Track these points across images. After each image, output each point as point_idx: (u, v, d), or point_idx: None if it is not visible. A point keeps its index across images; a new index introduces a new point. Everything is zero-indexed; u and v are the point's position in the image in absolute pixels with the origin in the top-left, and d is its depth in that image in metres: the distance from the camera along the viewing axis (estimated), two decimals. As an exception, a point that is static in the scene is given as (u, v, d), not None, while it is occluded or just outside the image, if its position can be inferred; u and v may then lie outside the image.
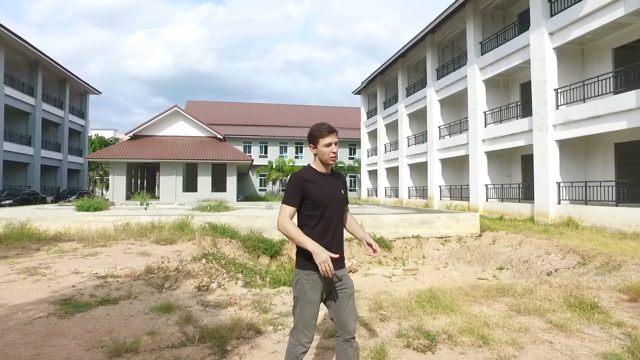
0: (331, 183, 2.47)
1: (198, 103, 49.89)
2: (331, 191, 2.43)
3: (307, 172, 2.46)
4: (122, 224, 11.02)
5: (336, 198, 2.43)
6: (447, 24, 20.79)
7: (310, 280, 2.35)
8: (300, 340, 2.34)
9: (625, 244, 8.78)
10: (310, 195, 2.37)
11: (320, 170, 2.47)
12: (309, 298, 2.35)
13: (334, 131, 2.43)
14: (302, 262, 2.39)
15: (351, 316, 2.44)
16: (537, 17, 14.58)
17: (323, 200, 2.37)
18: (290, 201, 2.38)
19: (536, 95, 14.70)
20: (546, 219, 13.87)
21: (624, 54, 13.24)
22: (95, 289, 5.32)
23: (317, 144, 2.43)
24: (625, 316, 4.07)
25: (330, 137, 2.40)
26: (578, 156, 14.61)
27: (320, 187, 2.39)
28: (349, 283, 2.46)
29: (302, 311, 2.36)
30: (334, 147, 2.41)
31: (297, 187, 2.38)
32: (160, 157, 26.33)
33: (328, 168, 2.49)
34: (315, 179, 2.41)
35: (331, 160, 2.43)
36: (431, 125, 22.69)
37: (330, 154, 2.41)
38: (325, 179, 2.46)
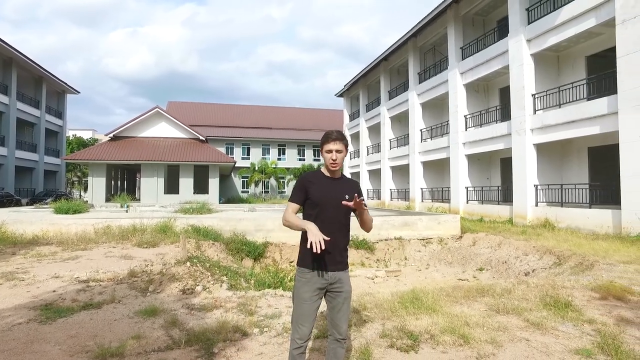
0: (334, 187, 2.53)
1: (180, 104, 49.32)
2: (331, 194, 2.48)
3: (314, 174, 2.59)
4: (102, 226, 10.85)
5: (336, 202, 2.46)
6: (429, 28, 21.15)
7: (302, 278, 2.47)
8: (293, 335, 2.45)
9: (597, 245, 9.12)
10: (310, 195, 2.49)
11: (326, 174, 2.57)
12: (300, 295, 2.45)
13: (337, 139, 2.50)
14: (299, 259, 2.53)
15: (344, 318, 2.51)
16: (516, 24, 15.00)
17: (319, 201, 2.46)
18: (293, 198, 2.53)
19: (515, 100, 15.10)
20: (524, 221, 14.25)
21: (596, 62, 13.74)
22: (77, 294, 5.24)
23: (322, 150, 2.56)
24: (596, 313, 4.26)
25: (332, 144, 2.49)
26: (554, 160, 15.06)
27: (320, 189, 2.49)
28: (346, 287, 2.52)
29: (295, 307, 2.48)
30: (333, 154, 2.48)
31: (301, 186, 2.53)
32: (141, 158, 25.92)
33: (334, 173, 2.56)
34: (318, 181, 2.53)
35: (331, 166, 2.52)
36: (413, 128, 23.01)
37: (330, 159, 2.50)
38: (329, 182, 2.54)
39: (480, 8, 18.40)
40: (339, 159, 2.50)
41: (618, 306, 4.52)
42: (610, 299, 4.75)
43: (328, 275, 2.46)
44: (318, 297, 2.48)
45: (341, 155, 2.51)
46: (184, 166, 27.01)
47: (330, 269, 2.46)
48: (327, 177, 2.56)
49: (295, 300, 2.49)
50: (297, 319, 2.45)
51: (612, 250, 8.39)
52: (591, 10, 12.14)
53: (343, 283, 2.50)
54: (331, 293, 2.50)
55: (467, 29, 19.26)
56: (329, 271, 2.46)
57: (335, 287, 2.48)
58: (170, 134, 29.22)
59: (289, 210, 2.50)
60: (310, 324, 2.45)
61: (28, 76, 31.91)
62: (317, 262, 2.44)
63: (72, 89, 38.17)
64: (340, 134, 2.55)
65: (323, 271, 2.45)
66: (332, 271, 2.46)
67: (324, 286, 2.47)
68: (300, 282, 2.47)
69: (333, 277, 2.47)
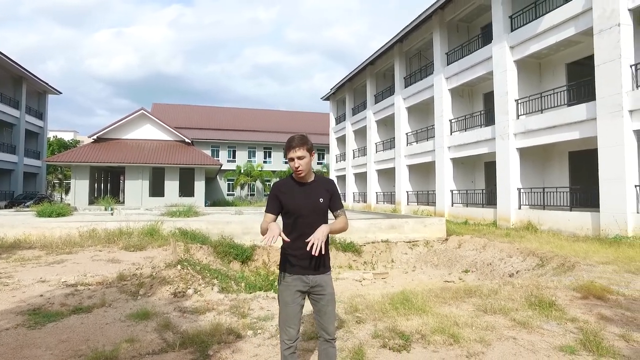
0: (307, 193, 2.53)
1: (165, 106, 48.81)
2: (305, 201, 2.50)
3: (285, 182, 2.60)
4: (87, 230, 10.69)
5: (311, 207, 2.50)
6: (415, 34, 21.47)
7: (283, 282, 2.53)
8: (282, 337, 2.52)
9: (578, 246, 9.41)
10: (284, 205, 2.51)
11: (298, 180, 2.56)
12: (282, 298, 2.53)
13: (297, 146, 2.46)
14: (280, 264, 2.60)
15: (330, 320, 2.57)
16: (499, 31, 15.36)
17: (294, 210, 2.49)
18: (268, 209, 2.55)
19: (498, 105, 15.44)
20: (508, 223, 14.56)
21: (575, 69, 14.18)
22: (65, 298, 5.18)
23: (286, 157, 2.56)
24: (578, 312, 4.43)
25: (292, 152, 2.47)
26: (537, 163, 15.44)
27: (293, 198, 2.51)
28: (328, 290, 2.55)
29: (280, 311, 2.57)
30: (295, 162, 2.47)
31: (273, 196, 2.56)
32: (125, 160, 25.59)
33: (303, 179, 2.55)
34: (289, 190, 2.54)
35: (296, 174, 2.53)
36: (399, 132, 23.28)
37: (293, 168, 2.51)
38: (301, 189, 2.54)
39: (465, 15, 18.77)
40: (302, 165, 2.47)
41: (598, 305, 4.69)
42: (591, 298, 4.93)
43: (308, 279, 2.49)
44: (300, 299, 2.52)
45: (305, 161, 2.48)
46: (170, 169, 26.75)
47: (310, 273, 2.50)
48: (298, 184, 2.56)
49: (280, 304, 2.56)
50: (284, 322, 2.51)
51: (591, 251, 8.66)
52: (570, 19, 12.54)
53: (324, 286, 2.53)
54: (314, 296, 2.54)
55: (452, 35, 19.62)
56: (309, 275, 2.49)
57: (317, 291, 2.52)
58: (155, 136, 28.92)
59: (266, 220, 2.50)
60: (296, 325, 2.51)
61: (7, 75, 31.20)
62: (297, 266, 2.49)
63: (54, 90, 37.43)
64: (301, 139, 2.50)
65: (303, 275, 2.49)
66: (312, 275, 2.50)
67: (305, 289, 2.51)
68: (282, 286, 2.53)
69: (313, 280, 2.50)
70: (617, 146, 10.92)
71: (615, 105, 10.94)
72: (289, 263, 2.51)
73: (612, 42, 11.07)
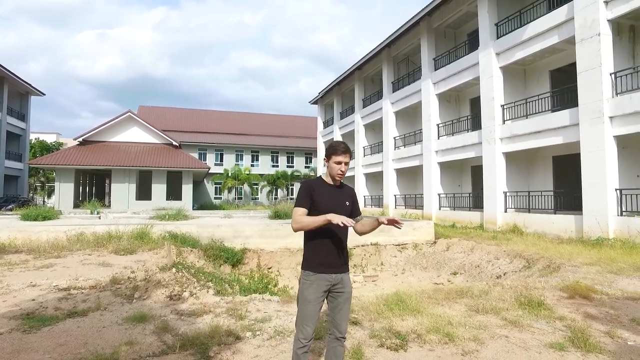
0: (336, 195, 2.69)
1: (151, 108, 48.29)
2: (335, 202, 2.64)
3: (317, 181, 2.72)
4: (76, 233, 10.55)
5: (341, 210, 2.61)
6: (403, 39, 21.77)
7: (307, 280, 2.59)
8: (297, 335, 2.56)
9: (562, 248, 9.67)
10: (316, 205, 2.60)
11: (328, 181, 2.71)
12: (304, 297, 2.58)
13: (346, 152, 2.64)
14: (304, 264, 2.65)
15: (344, 318, 2.65)
16: (485, 38, 15.71)
17: (326, 210, 2.55)
18: (300, 204, 2.60)
19: (485, 110, 15.77)
20: (494, 226, 14.84)
21: (559, 76, 14.58)
22: (59, 302, 5.15)
23: (330, 159, 2.67)
24: (566, 311, 4.60)
25: (342, 156, 2.63)
26: (522, 168, 15.79)
27: (325, 198, 2.62)
28: (347, 288, 2.65)
29: (299, 309, 2.61)
30: (342, 166, 2.64)
31: (307, 191, 2.62)
32: (112, 164, 25.27)
33: (336, 181, 2.71)
34: (322, 190, 2.66)
35: (338, 177, 2.68)
36: (387, 136, 23.52)
37: (338, 170, 2.65)
38: (332, 191, 2.69)
39: (452, 21, 19.13)
40: (345, 170, 2.67)
41: (584, 304, 4.88)
42: (577, 297, 5.12)
43: (332, 277, 2.58)
44: (322, 298, 2.60)
45: (347, 167, 2.68)
46: (157, 172, 26.50)
47: (334, 271, 2.59)
48: (330, 185, 2.71)
49: (300, 302, 2.61)
50: (302, 320, 2.56)
51: (575, 253, 8.92)
52: (554, 28, 12.91)
53: (345, 284, 2.64)
54: (333, 294, 2.63)
55: (439, 40, 19.96)
56: (333, 273, 2.59)
57: (337, 288, 2.62)
58: (142, 139, 28.62)
59: (299, 213, 2.57)
60: (314, 324, 2.57)
61: (-12, 76, 30.52)
62: (321, 265, 2.58)
63: (37, 91, 36.71)
64: (347, 146, 2.70)
65: (327, 274, 2.57)
66: (335, 273, 2.60)
67: (327, 288, 2.59)
68: (305, 285, 2.59)
69: (336, 278, 2.60)
70: (598, 151, 11.27)
71: (597, 111, 11.29)
72: (314, 262, 2.59)
73: (593, 51, 11.44)
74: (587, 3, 11.55)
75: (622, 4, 10.95)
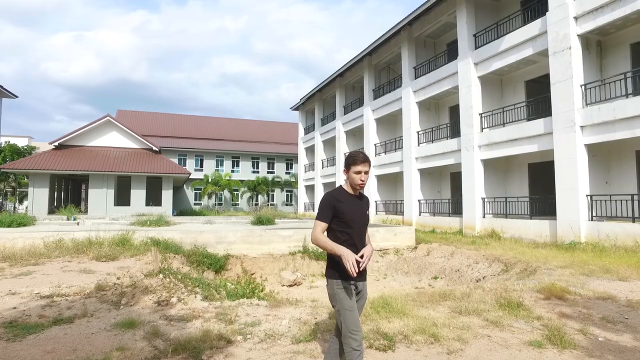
0: (358, 205, 2.77)
1: (130, 113, 47.51)
2: (357, 212, 2.73)
3: (339, 192, 2.76)
4: (54, 240, 10.32)
5: (362, 219, 2.75)
6: (384, 48, 22.19)
7: (342, 288, 2.63)
8: (352, 345, 2.54)
9: (538, 252, 10.04)
10: (340, 214, 2.66)
11: (349, 191, 2.76)
12: (346, 305, 2.60)
13: (367, 161, 2.69)
14: (333, 273, 2.68)
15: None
16: (464, 48, 16.20)
17: (350, 219, 2.66)
18: (322, 217, 2.67)
19: (464, 118, 16.22)
20: (473, 231, 15.23)
21: (534, 86, 15.16)
22: (42, 309, 5.07)
23: (350, 170, 2.70)
24: (543, 311, 4.83)
25: (362, 166, 2.66)
26: (499, 174, 16.28)
27: (349, 208, 2.69)
28: (365, 295, 2.84)
29: (345, 319, 2.59)
30: (362, 175, 2.67)
31: (329, 205, 2.67)
32: (89, 168, 24.72)
33: (356, 191, 2.77)
34: (345, 200, 2.71)
35: (359, 186, 2.72)
36: (368, 143, 23.84)
37: (359, 180, 2.68)
38: (354, 201, 2.75)
39: (432, 31, 19.64)
40: (365, 181, 2.71)
41: (559, 304, 5.13)
42: (552, 298, 5.37)
43: (359, 284, 2.72)
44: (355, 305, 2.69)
45: (368, 176, 2.73)
46: (136, 177, 26.07)
47: (360, 279, 2.70)
48: (352, 196, 2.76)
49: (343, 312, 2.60)
50: (352, 328, 2.56)
51: (550, 256, 9.28)
52: (529, 40, 13.46)
53: (364, 291, 2.80)
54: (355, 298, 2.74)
55: (419, 49, 20.45)
56: (359, 281, 2.71)
57: (359, 295, 2.76)
58: (121, 143, 28.14)
59: (319, 229, 2.65)
60: (360, 328, 2.61)
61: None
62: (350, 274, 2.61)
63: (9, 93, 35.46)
64: (366, 156, 2.74)
65: (355, 281, 2.67)
66: (360, 281, 2.72)
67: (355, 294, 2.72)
68: (342, 293, 2.62)
69: (361, 286, 2.75)
70: (570, 159, 11.76)
71: (569, 121, 11.81)
72: (343, 271, 2.57)
73: (564, 64, 11.98)
74: (559, 18, 12.11)
75: (589, 21, 11.54)
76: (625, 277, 6.73)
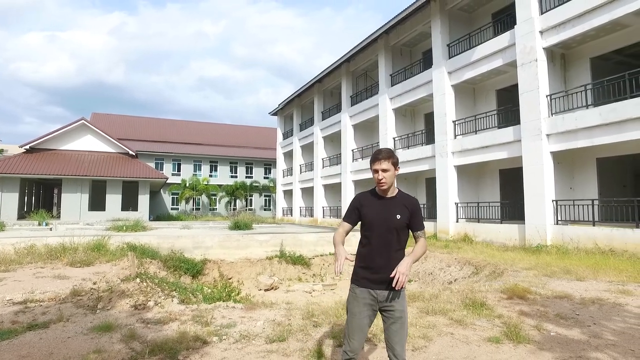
0: (383, 207, 2.56)
1: (105, 116, 46.56)
2: (379, 215, 2.55)
3: (366, 194, 2.67)
4: (25, 246, 10.16)
5: (385, 223, 2.52)
6: (361, 55, 22.62)
7: (352, 293, 2.59)
8: (345, 348, 2.55)
9: (507, 255, 10.49)
10: (363, 217, 2.60)
11: (379, 193, 2.61)
12: (350, 309, 2.58)
13: (384, 158, 2.51)
14: (352, 276, 2.65)
15: (396, 339, 2.49)
16: (438, 57, 16.73)
17: (369, 222, 2.56)
18: (347, 218, 2.66)
19: (438, 125, 16.71)
20: (447, 236, 15.67)
21: (504, 95, 15.79)
22: (15, 315, 5.06)
23: (371, 169, 2.61)
24: (504, 310, 5.14)
25: (377, 164, 2.52)
26: (472, 180, 16.81)
27: (369, 210, 2.57)
28: (397, 307, 2.50)
29: (347, 321, 2.59)
30: (379, 174, 2.51)
31: (353, 207, 2.65)
32: (63, 173, 24.18)
33: (385, 192, 2.58)
34: (369, 202, 2.60)
35: (379, 186, 2.57)
36: (345, 149, 24.18)
37: (376, 179, 2.55)
38: (380, 203, 2.58)
39: (408, 40, 20.16)
40: (386, 178, 2.51)
41: (520, 303, 5.46)
42: (514, 298, 5.70)
43: (376, 293, 2.51)
44: (368, 312, 2.52)
45: (389, 174, 2.51)
46: (112, 182, 25.64)
47: (379, 287, 2.50)
48: (379, 197, 2.59)
49: (347, 315, 2.60)
50: (348, 333, 2.54)
51: (517, 259, 9.72)
52: (499, 52, 14.05)
53: (396, 302, 2.50)
54: (384, 312, 2.54)
55: (396, 57, 20.95)
56: (378, 290, 2.51)
57: (388, 307, 2.51)
58: (96, 147, 27.63)
59: (340, 230, 2.63)
60: (360, 338, 2.51)
61: None
62: (365, 280, 2.54)
63: (-22, 95, 34.50)
64: (388, 152, 2.55)
65: (371, 290, 2.52)
66: (380, 290, 2.50)
67: (373, 303, 2.52)
68: (351, 297, 2.58)
69: (382, 295, 2.50)
70: (537, 165, 12.32)
71: (536, 129, 12.38)
72: (359, 275, 2.56)
73: (531, 75, 12.58)
74: (526, 31, 12.71)
75: (553, 35, 12.19)
76: (583, 277, 7.17)
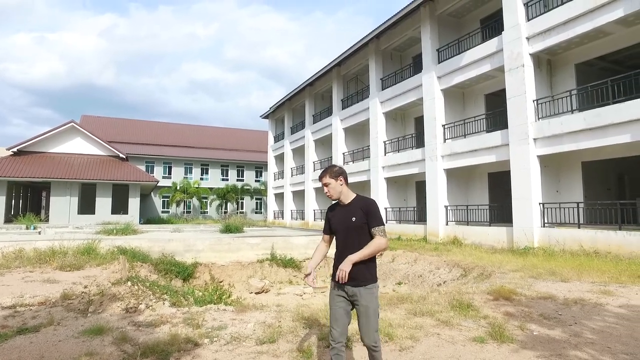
0: (341, 214, 2.97)
1: (95, 118, 46.17)
2: (341, 220, 2.95)
3: (334, 205, 3.08)
4: (13, 250, 10.09)
5: (344, 226, 2.92)
6: (352, 59, 22.81)
7: (330, 288, 3.01)
8: (329, 338, 2.95)
9: (495, 257, 10.66)
10: (330, 225, 3.05)
11: (339, 203, 3.02)
12: (329, 302, 3.00)
13: (322, 176, 2.98)
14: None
15: (364, 330, 2.86)
16: (428, 62, 16.95)
17: (334, 228, 2.99)
18: (324, 230, 3.18)
19: (428, 129, 16.91)
20: (437, 238, 15.84)
21: (493, 99, 16.04)
22: (5, 320, 5.05)
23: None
24: (490, 311, 5.27)
25: (320, 180, 3.02)
26: (461, 183, 17.02)
27: (335, 216, 3.01)
28: (362, 302, 2.84)
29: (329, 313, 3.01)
30: (324, 189, 3.00)
31: (326, 218, 3.11)
32: (52, 175, 23.94)
33: (341, 201, 2.99)
34: (334, 212, 3.04)
35: (328, 197, 3.03)
36: (336, 152, 24.31)
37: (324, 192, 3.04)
38: (340, 210, 3.00)
39: (398, 44, 20.38)
40: (330, 190, 2.95)
41: (505, 304, 5.59)
42: (500, 299, 5.83)
43: (346, 288, 2.86)
44: (342, 304, 2.89)
45: (332, 186, 2.94)
46: (102, 185, 25.45)
47: (348, 283, 2.83)
48: (341, 206, 3.00)
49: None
50: (331, 322, 2.94)
51: (505, 261, 9.89)
52: (487, 57, 14.29)
53: (359, 297, 2.84)
54: (354, 306, 2.91)
55: (386, 62, 21.15)
56: (346, 285, 2.84)
57: (354, 301, 2.88)
58: (86, 150, 27.42)
59: (320, 243, 3.14)
60: (339, 327, 2.86)
61: None
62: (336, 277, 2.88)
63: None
64: (326, 169, 3.00)
65: (340, 284, 2.87)
66: (349, 286, 2.84)
67: (344, 296, 2.89)
68: (330, 291, 3.01)
69: (350, 291, 2.85)
70: (524, 169, 12.55)
71: (523, 133, 12.61)
72: (334, 272, 2.91)
73: (518, 80, 12.82)
74: (513, 38, 12.97)
75: (539, 41, 12.46)
76: (567, 279, 7.34)
